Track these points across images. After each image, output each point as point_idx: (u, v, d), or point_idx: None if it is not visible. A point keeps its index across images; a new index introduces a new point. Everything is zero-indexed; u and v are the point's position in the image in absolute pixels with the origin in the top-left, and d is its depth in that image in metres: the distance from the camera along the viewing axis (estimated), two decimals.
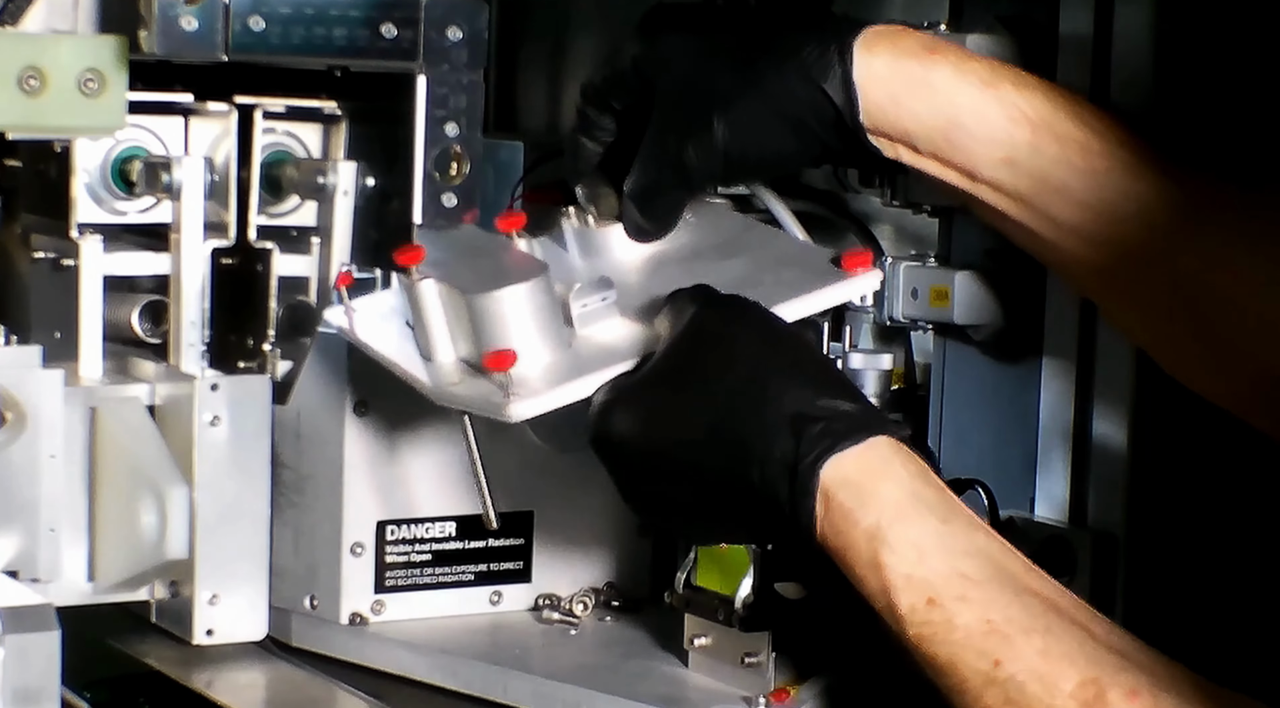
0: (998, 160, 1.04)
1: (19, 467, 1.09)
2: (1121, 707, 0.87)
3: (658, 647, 1.24)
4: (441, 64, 1.12)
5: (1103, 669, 0.88)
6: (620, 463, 1.04)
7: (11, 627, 1.04)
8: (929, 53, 1.06)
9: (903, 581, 0.93)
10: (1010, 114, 1.04)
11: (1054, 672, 0.88)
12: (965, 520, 0.95)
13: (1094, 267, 1.04)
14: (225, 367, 1.18)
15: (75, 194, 1.15)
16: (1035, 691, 0.89)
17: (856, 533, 0.95)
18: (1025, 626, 0.90)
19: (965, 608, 0.91)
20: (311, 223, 1.20)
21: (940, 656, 0.92)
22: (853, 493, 0.95)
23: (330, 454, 1.26)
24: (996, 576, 0.92)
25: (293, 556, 1.28)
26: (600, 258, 1.15)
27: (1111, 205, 1.02)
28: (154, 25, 1.05)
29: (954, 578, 0.92)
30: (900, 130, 1.06)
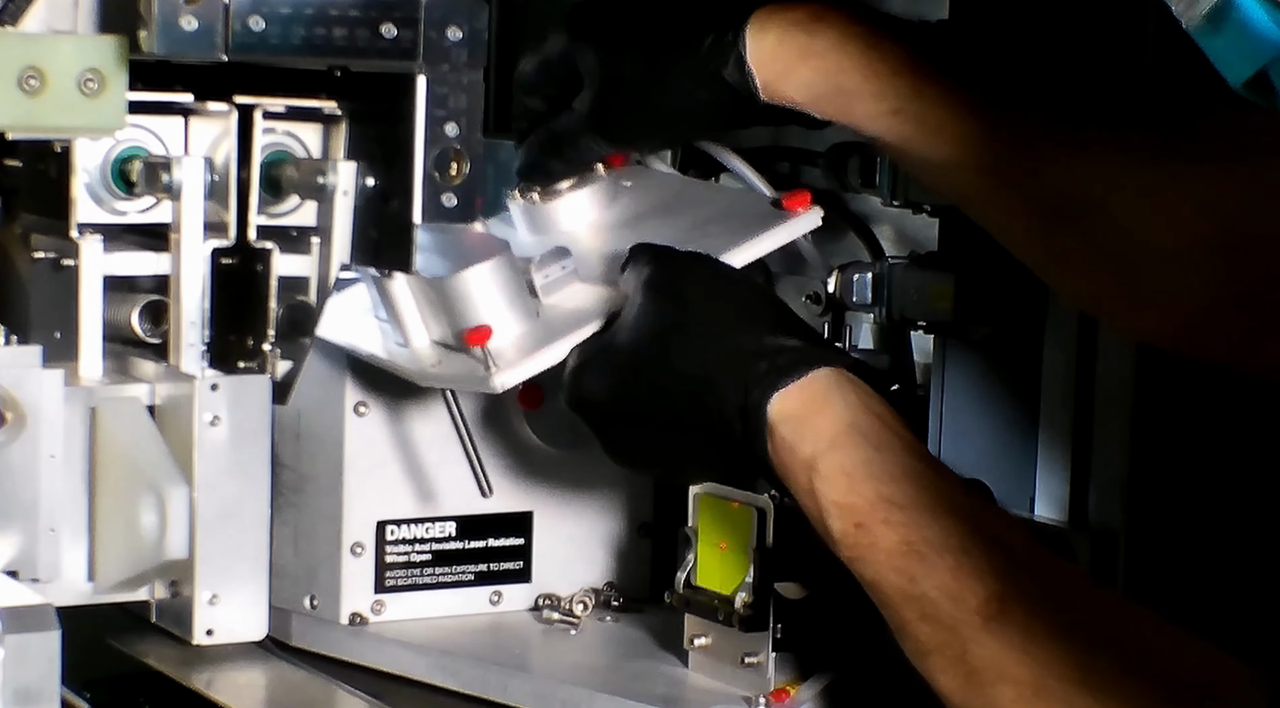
0: (884, 112, 1.10)
1: (19, 467, 1.08)
2: (1022, 620, 0.92)
3: (658, 647, 1.24)
4: (441, 64, 1.12)
5: (1010, 585, 0.93)
6: (598, 419, 1.11)
7: (11, 627, 1.04)
8: (815, 21, 1.13)
9: (834, 507, 1.00)
10: (891, 66, 1.10)
11: (963, 588, 0.94)
12: (900, 447, 1.01)
13: (979, 197, 1.11)
14: (225, 367, 1.18)
15: (75, 194, 1.15)
16: (945, 606, 0.94)
17: (795, 464, 1.02)
18: (941, 546, 0.95)
19: (888, 531, 0.97)
20: (311, 223, 1.20)
21: (867, 575, 0.99)
22: (792, 427, 1.02)
23: (330, 454, 1.26)
24: (920, 499, 0.98)
25: (293, 556, 1.28)
26: (548, 231, 1.24)
27: (982, 136, 1.08)
28: (154, 25, 1.05)
29: (879, 503, 0.98)
30: (793, 99, 1.13)
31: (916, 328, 1.29)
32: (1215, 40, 0.76)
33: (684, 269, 1.11)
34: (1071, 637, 0.91)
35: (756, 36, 1.13)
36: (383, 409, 1.27)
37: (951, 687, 0.95)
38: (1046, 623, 0.92)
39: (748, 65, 1.12)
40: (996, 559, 0.95)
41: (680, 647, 1.19)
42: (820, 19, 1.13)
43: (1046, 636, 0.91)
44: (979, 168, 1.09)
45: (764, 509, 1.14)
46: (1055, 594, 0.94)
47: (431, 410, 1.28)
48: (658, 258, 1.12)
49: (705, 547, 1.17)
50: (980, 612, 0.93)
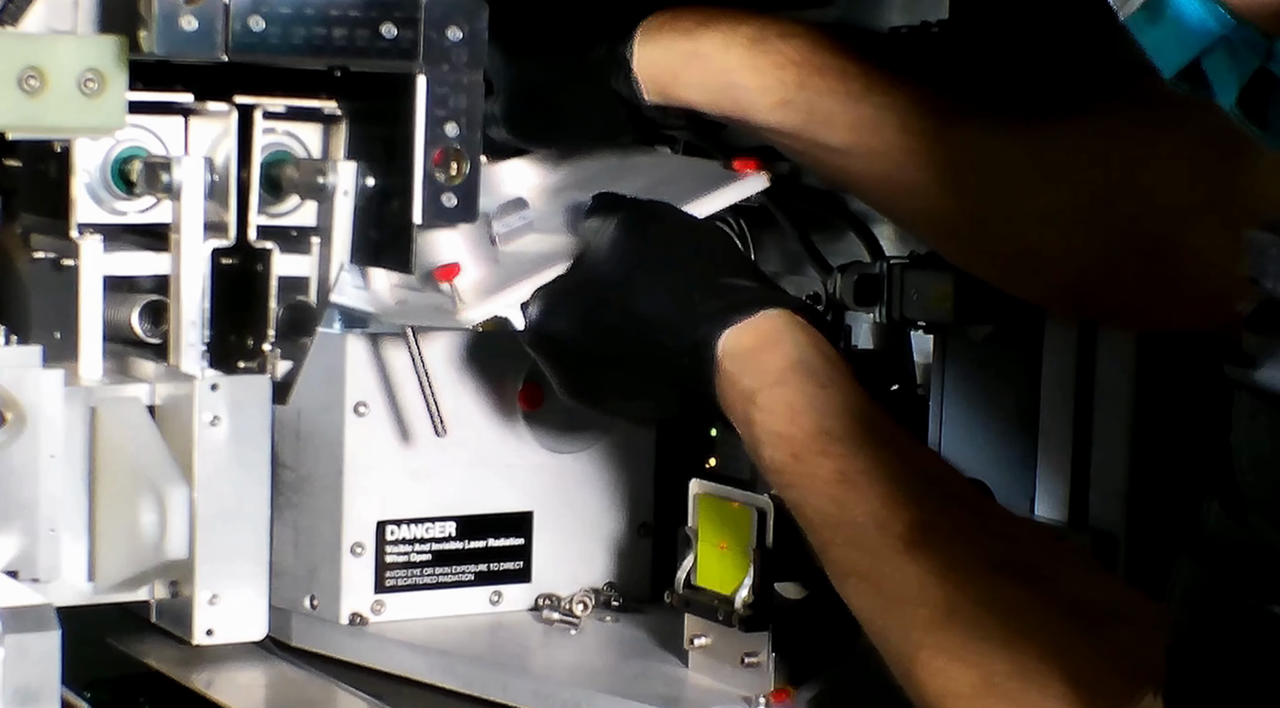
0: (773, 105, 1.15)
1: (19, 467, 1.08)
2: (941, 547, 0.96)
3: (658, 647, 1.24)
4: (441, 64, 1.12)
5: (932, 514, 0.98)
6: (557, 356, 1.15)
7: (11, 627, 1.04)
8: (700, 26, 1.17)
9: (773, 437, 1.04)
10: (776, 61, 1.15)
11: (890, 516, 0.98)
12: (843, 386, 1.05)
13: (874, 179, 1.15)
14: (225, 367, 1.18)
15: (75, 194, 1.15)
16: (871, 532, 0.98)
17: (735, 395, 1.06)
18: (874, 476, 0.99)
19: (825, 461, 1.01)
20: (311, 223, 1.20)
21: (797, 501, 1.03)
22: (738, 361, 1.07)
23: (330, 454, 1.26)
24: (857, 432, 1.02)
25: (293, 556, 1.28)
26: (496, 193, 1.25)
27: (870, 119, 1.13)
28: (154, 25, 1.05)
29: (819, 436, 1.02)
30: (684, 103, 1.18)
31: (916, 328, 1.29)
32: (1150, 31, 0.78)
33: (646, 214, 1.16)
34: (985, 563, 0.95)
35: (644, 45, 1.18)
36: (383, 409, 1.27)
37: (870, 608, 0.99)
38: (963, 550, 0.96)
39: (634, 74, 1.17)
40: (922, 490, 0.99)
41: (680, 647, 1.19)
42: (705, 23, 1.17)
43: (962, 562, 0.95)
44: (870, 151, 1.13)
45: (764, 509, 1.14)
46: (973, 524, 0.98)
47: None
48: (620, 204, 1.16)
49: (705, 547, 1.17)
50: (903, 538, 0.97)
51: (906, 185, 1.14)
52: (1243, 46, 0.78)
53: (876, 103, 1.13)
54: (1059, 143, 1.09)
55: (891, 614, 0.97)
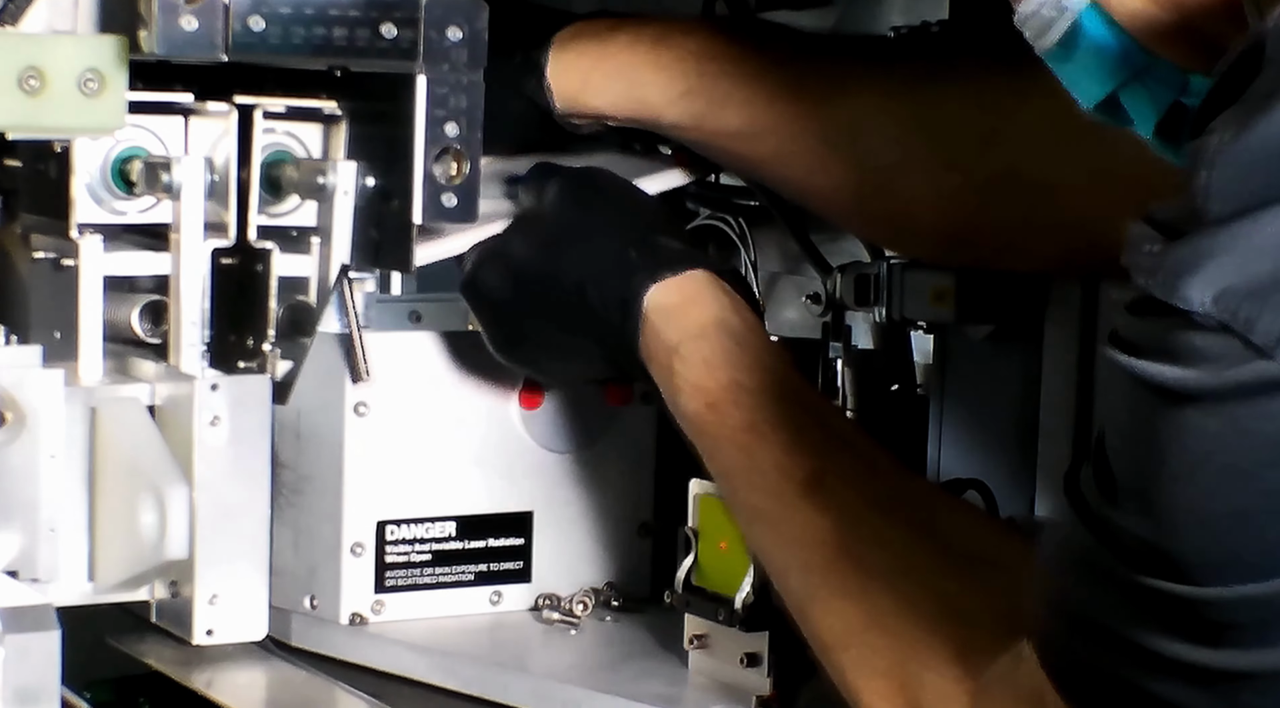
0: (676, 96, 1.22)
1: (19, 467, 1.08)
2: (837, 490, 1.02)
3: (658, 647, 1.24)
4: (441, 64, 1.12)
5: (832, 462, 1.04)
6: (488, 310, 1.20)
7: (11, 627, 1.04)
8: (610, 30, 1.24)
9: (690, 388, 1.10)
10: (678, 54, 1.22)
11: (792, 463, 1.04)
12: (760, 346, 1.11)
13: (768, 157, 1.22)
14: (225, 367, 1.18)
15: (75, 194, 1.15)
16: (774, 478, 1.04)
17: (660, 349, 1.12)
18: (779, 426, 1.05)
19: (736, 411, 1.08)
20: (311, 223, 1.20)
21: (710, 449, 1.09)
22: (663, 316, 1.12)
23: (330, 454, 1.26)
24: (770, 387, 1.08)
25: (293, 556, 1.28)
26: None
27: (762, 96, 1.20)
28: (154, 25, 1.04)
29: (731, 387, 1.08)
30: (594, 108, 1.24)
31: (916, 328, 1.29)
32: (1067, 66, 0.83)
33: (583, 178, 1.22)
34: (876, 508, 1.02)
35: (557, 53, 1.24)
36: (383, 409, 1.27)
37: (772, 550, 1.05)
38: (856, 496, 1.02)
39: (546, 81, 1.23)
40: (823, 441, 1.06)
41: (680, 647, 1.19)
42: (615, 28, 1.24)
43: (855, 506, 1.02)
44: (763, 128, 1.21)
45: None
46: (869, 472, 1.05)
47: (432, 410, 1.28)
48: (558, 169, 1.22)
49: (705, 547, 1.17)
50: (803, 483, 1.03)
51: (796, 158, 1.21)
52: (1158, 83, 0.81)
53: (768, 82, 1.20)
54: (935, 102, 1.17)
55: (790, 555, 1.03)
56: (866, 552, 1.00)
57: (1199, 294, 0.68)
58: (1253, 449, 0.68)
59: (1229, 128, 0.69)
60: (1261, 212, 0.67)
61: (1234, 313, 0.68)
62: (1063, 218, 1.12)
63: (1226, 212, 0.68)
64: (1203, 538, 0.70)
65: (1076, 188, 0.94)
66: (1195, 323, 0.68)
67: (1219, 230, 0.68)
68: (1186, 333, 0.69)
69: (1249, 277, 0.67)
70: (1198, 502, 0.70)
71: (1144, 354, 0.70)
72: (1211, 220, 0.68)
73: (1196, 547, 0.70)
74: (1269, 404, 0.68)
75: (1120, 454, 0.74)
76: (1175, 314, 0.69)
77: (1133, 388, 0.71)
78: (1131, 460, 0.73)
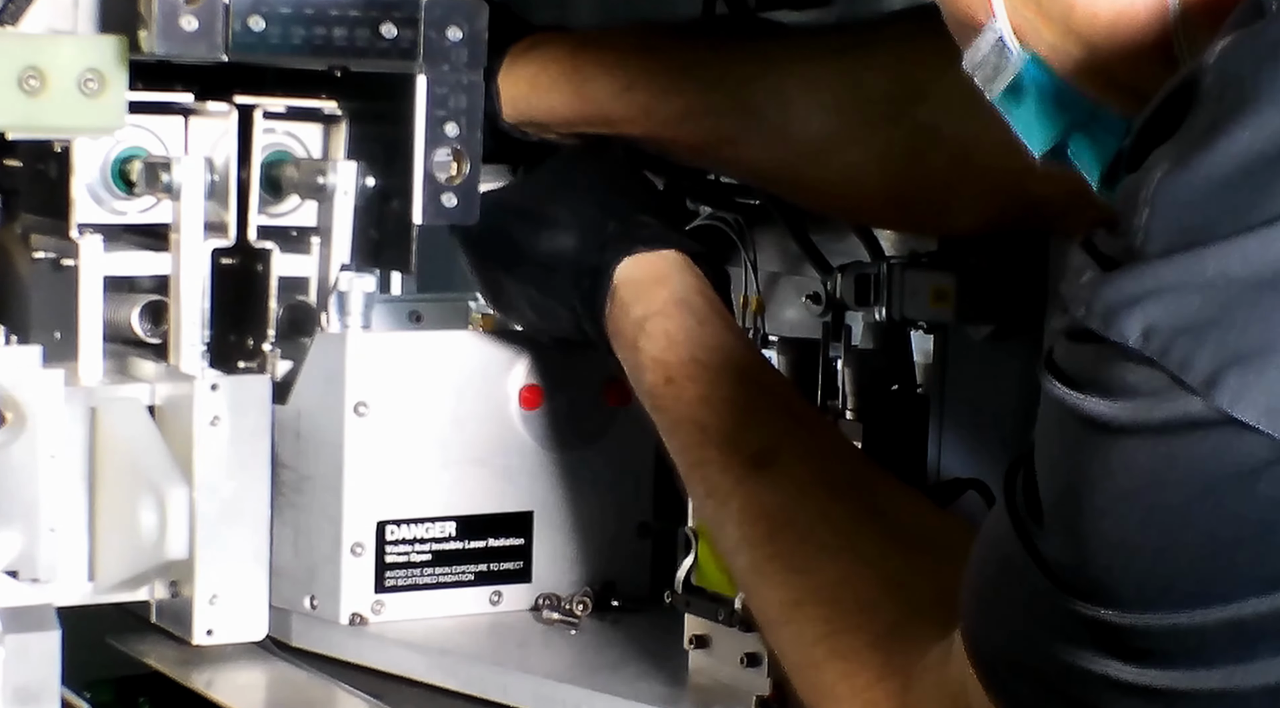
0: (620, 90, 1.26)
1: (19, 467, 1.08)
2: (787, 466, 1.04)
3: (658, 647, 1.24)
4: (441, 64, 1.12)
5: (783, 439, 1.06)
6: (476, 260, 1.24)
7: (11, 627, 1.04)
8: (558, 39, 1.29)
9: (651, 362, 1.13)
10: (619, 52, 1.27)
11: (744, 437, 1.06)
12: (721, 326, 1.14)
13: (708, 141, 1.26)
14: (225, 367, 1.18)
15: (75, 194, 1.15)
16: (726, 450, 1.06)
17: (626, 322, 1.15)
18: (733, 403, 1.08)
19: (692, 385, 1.10)
20: (311, 223, 1.20)
21: (666, 423, 1.11)
22: (632, 290, 1.16)
23: (330, 454, 1.26)
24: (727, 366, 1.11)
25: (293, 556, 1.28)
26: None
27: (698, 83, 1.25)
28: (154, 25, 1.04)
29: (690, 363, 1.11)
30: (543, 111, 1.28)
31: (916, 328, 1.29)
32: (1016, 112, 0.84)
33: (586, 151, 1.27)
34: (824, 485, 1.03)
35: (510, 63, 1.28)
36: (383, 409, 1.27)
37: (723, 526, 1.06)
38: (805, 472, 1.04)
39: (496, 87, 1.26)
40: (775, 418, 1.08)
41: (680, 647, 1.19)
42: (561, 37, 1.30)
43: (803, 482, 1.04)
44: (701, 109, 1.25)
45: None
46: (819, 451, 1.07)
47: (432, 410, 1.28)
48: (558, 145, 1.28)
49: (705, 547, 1.17)
50: (753, 458, 1.05)
51: (735, 137, 1.25)
52: (1102, 131, 0.82)
53: (702, 67, 1.25)
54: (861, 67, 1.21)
55: (741, 530, 1.04)
56: (813, 528, 1.01)
57: (1133, 329, 0.68)
58: (1179, 486, 0.68)
59: (1166, 162, 0.69)
60: (1199, 248, 0.67)
61: (1167, 350, 0.67)
62: (982, 177, 1.15)
63: (1163, 247, 0.68)
64: (1129, 570, 0.70)
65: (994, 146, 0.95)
66: (1128, 357, 0.68)
67: (1156, 265, 0.68)
68: (1119, 366, 0.68)
69: (1184, 314, 0.67)
70: (1124, 535, 0.70)
71: (1076, 384, 0.70)
72: (1149, 255, 0.68)
73: (1123, 578, 0.70)
74: (1197, 442, 0.67)
75: (1047, 480, 0.74)
76: (1109, 346, 0.69)
77: (1063, 416, 0.71)
78: (1058, 487, 0.73)
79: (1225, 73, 0.70)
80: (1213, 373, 0.67)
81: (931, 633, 0.89)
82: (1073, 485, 0.71)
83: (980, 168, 1.16)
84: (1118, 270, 0.69)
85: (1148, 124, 0.73)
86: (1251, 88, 0.68)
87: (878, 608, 0.95)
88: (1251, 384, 0.66)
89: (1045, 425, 0.74)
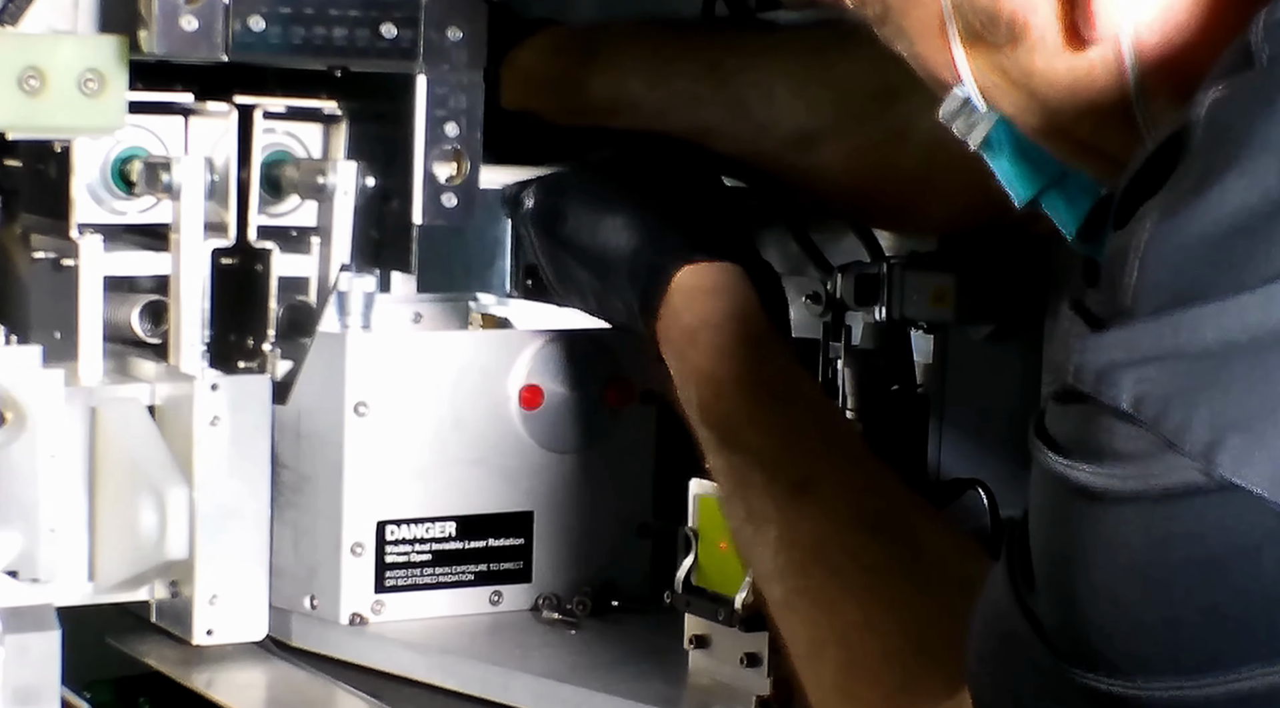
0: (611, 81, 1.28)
1: (19, 467, 1.08)
2: (827, 497, 1.01)
3: (658, 647, 1.24)
4: (441, 64, 1.12)
5: (825, 468, 1.04)
6: (545, 242, 1.23)
7: (11, 627, 1.04)
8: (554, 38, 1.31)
9: (699, 374, 1.10)
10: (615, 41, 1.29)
11: (788, 463, 1.04)
12: (774, 345, 1.12)
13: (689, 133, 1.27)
14: (225, 367, 1.18)
15: (75, 194, 1.15)
16: (770, 473, 1.04)
17: (677, 330, 1.13)
18: (781, 425, 1.06)
19: (742, 404, 1.08)
20: (311, 223, 1.20)
21: (713, 440, 1.08)
22: (686, 298, 1.14)
23: (330, 454, 1.26)
24: (773, 383, 1.09)
25: (293, 556, 1.28)
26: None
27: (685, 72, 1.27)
28: (154, 25, 1.05)
29: (741, 381, 1.09)
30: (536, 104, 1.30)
31: (916, 328, 1.29)
32: (995, 163, 0.86)
33: (656, 146, 1.26)
34: (861, 521, 1.01)
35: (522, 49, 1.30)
36: (383, 409, 1.27)
37: (758, 550, 1.04)
38: (843, 505, 1.01)
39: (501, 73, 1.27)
40: (821, 446, 1.05)
41: (680, 647, 1.19)
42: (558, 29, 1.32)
43: (842, 516, 1.01)
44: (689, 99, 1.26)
45: None
46: (860, 484, 1.04)
47: (432, 410, 1.28)
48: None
49: (705, 547, 1.17)
50: (795, 484, 1.03)
51: (716, 129, 1.26)
52: (1075, 190, 0.82)
53: (693, 61, 1.27)
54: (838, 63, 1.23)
55: (776, 558, 1.02)
56: (841, 566, 0.99)
57: (1125, 392, 0.66)
58: (1181, 557, 0.66)
59: (1156, 214, 0.67)
60: (1193, 308, 0.65)
61: (1161, 415, 0.65)
62: (950, 177, 1.14)
63: (1154, 306, 0.66)
64: (1130, 642, 0.68)
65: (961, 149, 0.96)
66: (1121, 419, 0.66)
67: (1147, 325, 0.66)
68: (1111, 430, 0.67)
69: (1178, 378, 0.65)
70: (1123, 606, 0.68)
71: (1065, 451, 0.68)
72: (1140, 315, 0.66)
73: (1124, 650, 0.69)
74: (1197, 512, 0.65)
75: (1040, 548, 0.72)
76: (1100, 409, 0.67)
77: (1053, 484, 0.69)
78: (1051, 557, 0.71)
79: (1216, 123, 0.68)
80: (1212, 440, 0.65)
81: (947, 688, 0.87)
82: (1065, 555, 0.70)
83: (947, 168, 1.14)
84: (1108, 330, 0.67)
85: (1135, 178, 0.72)
86: (1244, 138, 0.66)
87: (894, 661, 0.93)
88: (1254, 451, 0.64)
89: (1036, 492, 0.72)
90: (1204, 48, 0.76)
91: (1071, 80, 0.80)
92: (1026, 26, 0.79)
